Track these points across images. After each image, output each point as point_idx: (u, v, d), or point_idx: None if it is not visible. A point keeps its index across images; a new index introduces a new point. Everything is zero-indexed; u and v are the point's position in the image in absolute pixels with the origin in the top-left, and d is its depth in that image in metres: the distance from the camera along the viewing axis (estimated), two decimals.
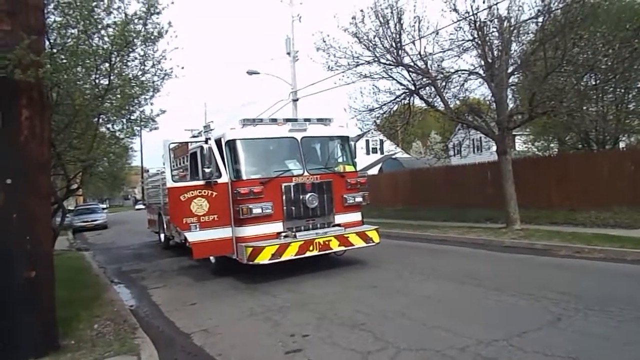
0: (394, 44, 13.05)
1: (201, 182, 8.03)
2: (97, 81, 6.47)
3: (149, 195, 16.32)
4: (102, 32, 5.90)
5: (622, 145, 17.87)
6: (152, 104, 7.35)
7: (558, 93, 11.37)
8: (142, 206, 26.66)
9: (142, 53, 6.47)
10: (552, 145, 21.17)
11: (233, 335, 5.59)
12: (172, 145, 8.98)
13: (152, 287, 8.82)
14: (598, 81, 13.89)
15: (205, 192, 7.98)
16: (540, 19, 11.57)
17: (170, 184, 8.05)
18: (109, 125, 7.63)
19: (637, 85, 15.49)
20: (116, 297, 7.73)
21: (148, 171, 18.69)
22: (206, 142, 8.22)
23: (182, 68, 6.88)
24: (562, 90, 11.43)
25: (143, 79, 6.71)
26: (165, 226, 13.56)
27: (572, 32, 10.71)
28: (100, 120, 7.08)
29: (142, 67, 6.62)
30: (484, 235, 11.77)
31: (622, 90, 15.66)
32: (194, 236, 7.82)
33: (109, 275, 10.56)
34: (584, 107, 14.16)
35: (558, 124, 15.34)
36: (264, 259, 7.63)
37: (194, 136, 11.24)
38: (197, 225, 7.83)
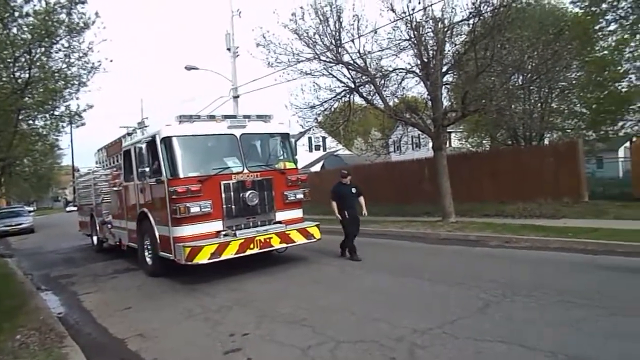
0: (333, 42, 13.18)
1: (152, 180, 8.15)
2: (15, 74, 6.01)
3: (81, 196, 15.41)
4: (21, 20, 5.48)
5: (546, 141, 19.14)
6: (77, 98, 6.95)
7: (488, 92, 11.99)
8: (73, 208, 25.15)
9: (66, 45, 6.09)
10: (484, 141, 22.32)
11: (170, 337, 5.41)
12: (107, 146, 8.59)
13: (83, 293, 8.34)
14: (524, 81, 14.79)
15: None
16: (472, 21, 12.13)
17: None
18: (31, 122, 7.11)
19: (559, 86, 16.67)
20: (43, 305, 7.25)
21: (79, 171, 17.62)
22: (153, 140, 8.01)
23: (111, 61, 6.60)
24: (492, 89, 12.06)
25: (68, 72, 6.30)
26: (98, 228, 12.89)
27: (500, 34, 11.33)
28: (21, 116, 6.58)
29: (67, 59, 6.22)
30: (422, 229, 12.19)
31: (546, 90, 16.79)
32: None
33: (35, 282, 9.89)
34: (512, 106, 15.06)
35: (489, 121, 16.22)
36: (203, 258, 7.44)
37: (128, 133, 10.77)
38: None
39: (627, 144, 17.21)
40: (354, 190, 9.29)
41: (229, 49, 21.02)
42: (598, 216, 11.05)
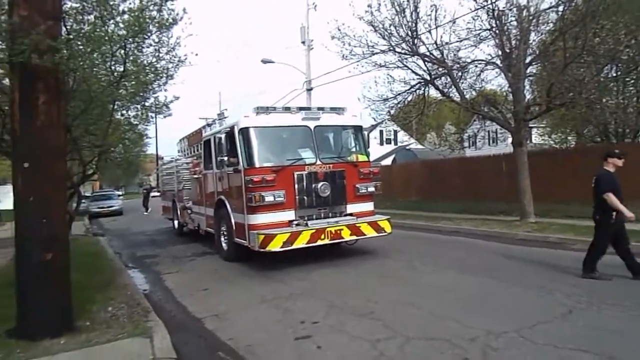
0: (409, 33, 12.91)
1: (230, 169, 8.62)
2: (112, 67, 6.49)
3: (164, 182, 16.50)
4: (118, 18, 5.91)
5: None
6: (165, 90, 7.37)
7: (577, 84, 11.12)
8: (156, 193, 26.97)
9: (156, 40, 6.46)
10: (569, 138, 20.82)
11: (244, 320, 5.65)
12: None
13: (165, 273, 8.94)
14: (619, 72, 13.58)
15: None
16: (561, 8, 11.31)
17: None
18: (124, 112, 7.68)
19: None
20: (130, 282, 7.85)
21: (163, 159, 18.86)
22: (232, 131, 8.39)
23: (197, 55, 6.88)
24: (582, 81, 11.18)
25: (157, 65, 6.71)
26: (179, 213, 13.71)
27: (594, 21, 10.46)
28: (115, 107, 7.13)
29: (157, 53, 6.61)
30: (497, 228, 11.67)
31: None
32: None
33: (123, 260, 10.73)
34: (604, 99, 13.89)
35: (576, 116, 15.05)
36: (275, 246, 7.67)
37: (208, 124, 11.31)
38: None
39: None
40: None
41: (303, 42, 21.34)
42: None
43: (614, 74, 13.72)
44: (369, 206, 9.12)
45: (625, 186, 6.84)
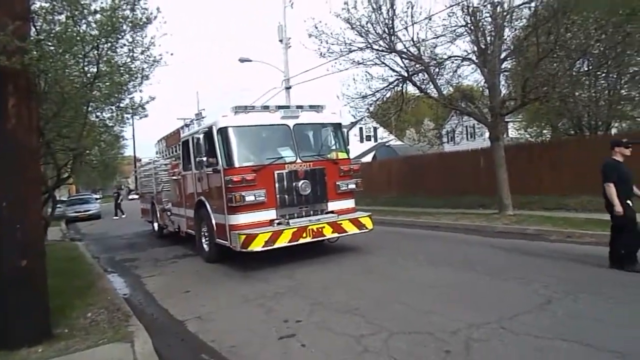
0: (386, 30, 12.99)
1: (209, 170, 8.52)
2: (85, 68, 6.36)
3: (142, 184, 16.23)
4: (90, 18, 5.79)
5: (614, 131, 17.95)
6: (141, 91, 7.27)
7: (550, 79, 11.37)
8: (135, 196, 26.56)
9: (130, 39, 6.36)
10: (544, 131, 21.25)
11: (227, 321, 5.61)
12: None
13: (145, 276, 8.80)
14: (590, 67, 13.91)
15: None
16: (533, 4, 11.55)
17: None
18: (98, 113, 7.54)
19: (629, 71, 15.52)
20: (110, 286, 7.70)
21: (140, 161, 18.58)
22: (210, 131, 8.34)
23: (172, 55, 6.81)
24: (555, 75, 11.42)
25: (132, 66, 6.60)
26: (158, 215, 13.52)
27: (565, 16, 10.69)
28: (90, 109, 6.99)
29: (131, 54, 6.51)
30: (477, 221, 11.85)
31: (615, 76, 15.68)
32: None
33: (102, 264, 10.53)
34: (577, 93, 14.21)
35: (550, 110, 15.40)
36: (257, 246, 7.63)
37: (186, 125, 11.18)
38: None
39: None
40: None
41: (281, 41, 21.23)
42: None
43: (586, 68, 14.04)
44: (350, 203, 9.15)
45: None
